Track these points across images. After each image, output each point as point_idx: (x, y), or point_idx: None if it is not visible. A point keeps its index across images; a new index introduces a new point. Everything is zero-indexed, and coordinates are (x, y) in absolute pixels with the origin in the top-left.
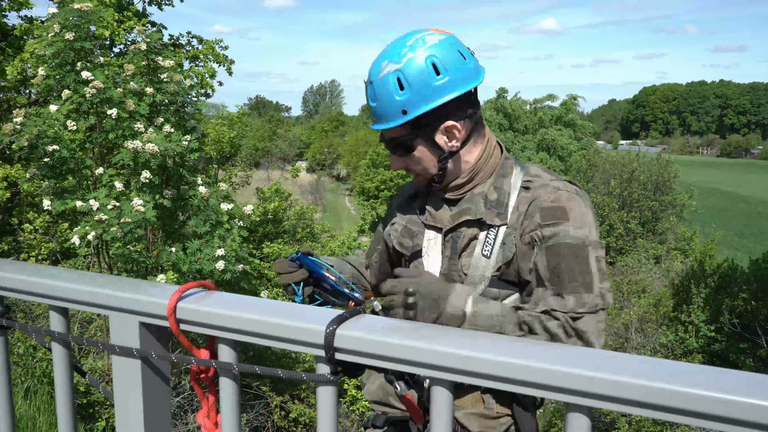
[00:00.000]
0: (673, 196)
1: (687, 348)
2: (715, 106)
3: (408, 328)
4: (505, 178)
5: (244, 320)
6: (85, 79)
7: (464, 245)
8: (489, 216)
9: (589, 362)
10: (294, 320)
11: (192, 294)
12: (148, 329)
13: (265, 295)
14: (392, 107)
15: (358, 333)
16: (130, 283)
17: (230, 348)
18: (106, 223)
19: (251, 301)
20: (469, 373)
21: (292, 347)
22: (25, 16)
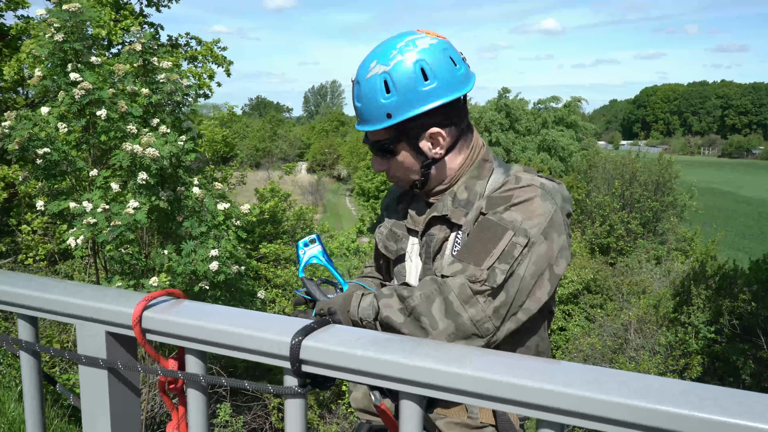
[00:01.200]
0: (674, 197)
1: (687, 349)
2: (717, 107)
3: (379, 340)
4: (479, 179)
5: (210, 330)
6: (74, 80)
7: (437, 248)
8: (456, 215)
9: (561, 377)
10: (259, 331)
11: (159, 303)
12: (115, 339)
13: (262, 296)
14: (377, 110)
15: (324, 344)
16: (97, 292)
17: (197, 358)
18: (96, 226)
19: (219, 311)
20: (439, 387)
21: (259, 359)
22: (21, 15)
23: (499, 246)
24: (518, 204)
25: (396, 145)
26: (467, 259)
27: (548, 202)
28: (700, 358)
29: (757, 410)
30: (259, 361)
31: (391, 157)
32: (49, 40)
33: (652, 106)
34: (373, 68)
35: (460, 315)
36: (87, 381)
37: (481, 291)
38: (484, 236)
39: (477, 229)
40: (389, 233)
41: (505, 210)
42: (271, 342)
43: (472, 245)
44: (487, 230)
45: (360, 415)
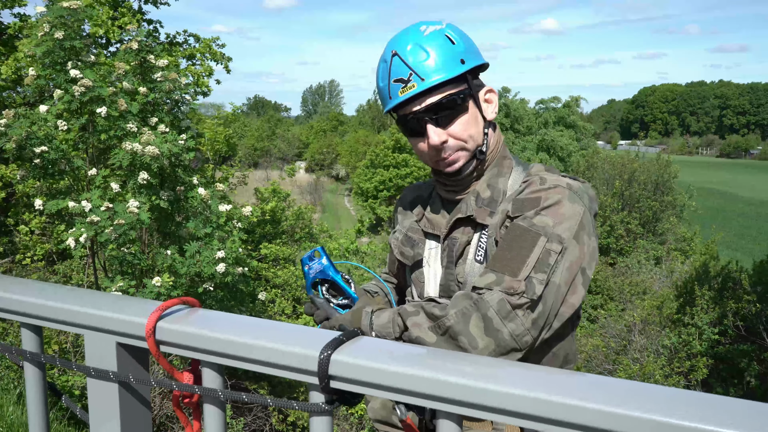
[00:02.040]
0: (673, 197)
1: (690, 350)
2: (715, 107)
3: (413, 354)
4: (500, 177)
5: (230, 343)
6: (74, 78)
7: (460, 252)
8: (480, 214)
9: (611, 396)
10: (284, 344)
11: (174, 312)
12: (127, 350)
13: (263, 297)
14: (449, 56)
15: (355, 359)
16: (108, 300)
17: (215, 372)
18: (99, 225)
19: (239, 321)
20: (481, 407)
21: (284, 373)
22: (18, 13)
23: (533, 254)
24: (548, 207)
25: (466, 98)
26: (501, 269)
27: (577, 203)
28: (706, 360)
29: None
30: (283, 376)
31: (458, 115)
32: (46, 38)
33: (651, 106)
34: (427, 29)
35: (500, 331)
36: (96, 394)
37: (521, 304)
38: (516, 244)
39: (507, 236)
40: (405, 238)
41: (536, 214)
42: (297, 356)
43: (504, 254)
44: (518, 237)
45: (378, 426)
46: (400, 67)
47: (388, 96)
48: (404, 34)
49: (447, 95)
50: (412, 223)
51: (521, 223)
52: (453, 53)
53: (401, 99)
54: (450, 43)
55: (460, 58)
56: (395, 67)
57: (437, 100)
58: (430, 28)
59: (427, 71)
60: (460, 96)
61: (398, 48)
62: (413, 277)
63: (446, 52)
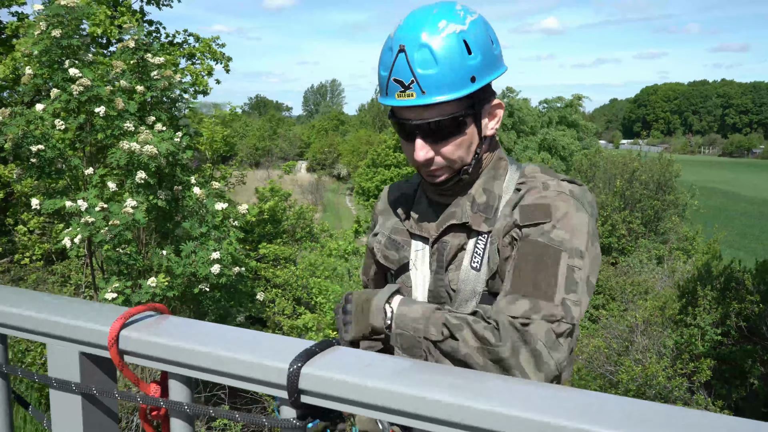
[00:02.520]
0: (675, 196)
1: (693, 351)
2: (717, 106)
3: (393, 368)
4: (496, 180)
5: (196, 353)
6: (72, 77)
7: (451, 257)
8: (475, 221)
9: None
10: (252, 355)
11: (141, 319)
12: (91, 360)
13: (261, 297)
14: (461, 72)
15: (327, 372)
16: (71, 306)
17: (182, 384)
18: (94, 226)
19: (208, 330)
20: (464, 426)
21: (253, 387)
22: (16, 12)
23: (560, 273)
24: (557, 216)
25: (467, 119)
26: (534, 294)
27: (582, 212)
28: (710, 362)
29: None
30: (252, 389)
31: (454, 136)
32: (43, 37)
33: (653, 106)
34: (445, 28)
35: (548, 364)
36: (58, 406)
37: (562, 332)
38: (540, 263)
39: (527, 254)
40: (388, 241)
41: (552, 228)
42: (265, 369)
43: (530, 275)
44: (541, 255)
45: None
46: (403, 68)
47: (385, 90)
48: (419, 24)
49: (446, 116)
50: (396, 223)
51: (540, 239)
52: (465, 69)
53: (396, 103)
54: (465, 54)
55: (472, 75)
56: (398, 65)
57: (435, 120)
58: (449, 27)
59: (431, 85)
60: (460, 118)
61: (407, 43)
62: (398, 282)
63: (458, 66)
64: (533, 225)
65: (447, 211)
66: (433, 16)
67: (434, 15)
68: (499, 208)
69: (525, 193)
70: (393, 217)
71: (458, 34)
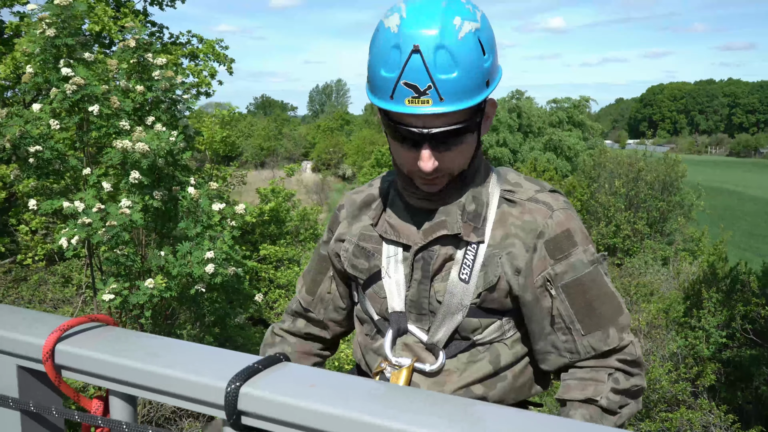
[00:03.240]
0: (681, 196)
1: (697, 354)
2: (724, 105)
3: (341, 386)
4: (483, 186)
5: (133, 370)
6: (65, 76)
7: (438, 267)
8: (465, 230)
9: None
10: (191, 372)
11: (81, 331)
12: (31, 374)
13: (259, 299)
14: (478, 76)
15: (267, 393)
16: (10, 316)
17: (125, 402)
18: (91, 227)
19: (153, 344)
20: None
21: (193, 406)
22: (18, 12)
23: (609, 283)
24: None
25: (473, 125)
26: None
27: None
28: (714, 366)
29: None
30: (192, 409)
31: (458, 145)
32: (40, 36)
33: (659, 105)
34: (462, 26)
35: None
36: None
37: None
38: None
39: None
40: (357, 249)
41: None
42: (203, 388)
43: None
44: (593, 282)
45: None
46: (418, 72)
47: (389, 93)
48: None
49: (459, 124)
50: (364, 228)
51: (584, 270)
52: (482, 71)
53: (408, 111)
54: (481, 55)
55: (487, 78)
56: (412, 69)
57: (448, 129)
58: (466, 26)
59: (451, 91)
60: (470, 127)
61: (423, 44)
62: (369, 292)
63: (476, 69)
64: (564, 257)
65: (436, 219)
66: (444, 10)
67: (445, 10)
68: (487, 217)
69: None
70: (359, 222)
71: (474, 33)
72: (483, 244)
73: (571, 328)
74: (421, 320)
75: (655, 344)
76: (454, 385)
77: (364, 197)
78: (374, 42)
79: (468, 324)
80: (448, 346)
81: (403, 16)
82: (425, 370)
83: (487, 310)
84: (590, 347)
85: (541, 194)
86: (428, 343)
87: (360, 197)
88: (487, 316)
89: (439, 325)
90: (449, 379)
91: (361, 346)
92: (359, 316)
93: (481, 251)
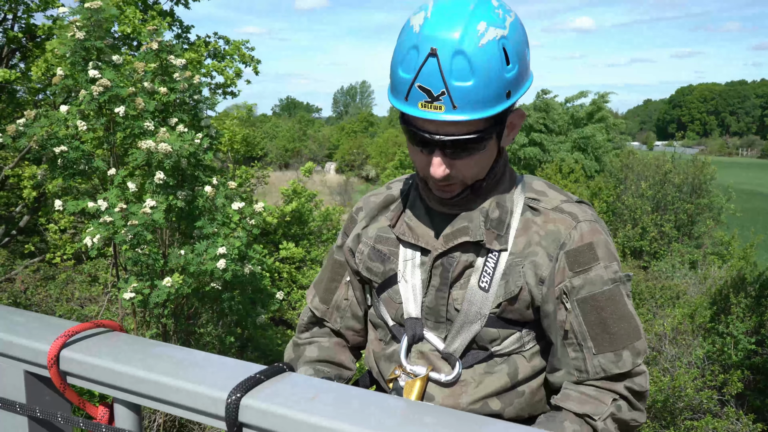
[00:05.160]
0: (710, 199)
1: (725, 361)
2: (756, 106)
3: (345, 398)
4: (507, 193)
5: (136, 379)
6: (93, 78)
7: (458, 274)
8: (488, 238)
9: None
10: (192, 382)
11: (87, 337)
12: (39, 380)
13: (280, 297)
14: (497, 86)
15: (269, 404)
16: (17, 320)
17: (128, 410)
18: (112, 226)
19: (158, 352)
20: None
21: (195, 417)
22: (51, 15)
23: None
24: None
25: (491, 135)
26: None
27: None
28: (740, 373)
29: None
30: (195, 420)
31: (475, 153)
32: (71, 39)
33: (688, 106)
34: (486, 32)
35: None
36: (4, 428)
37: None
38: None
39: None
40: (372, 252)
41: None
42: (204, 398)
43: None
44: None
45: None
46: (433, 76)
47: (404, 94)
48: (453, 23)
49: (474, 134)
50: (381, 230)
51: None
52: (502, 82)
53: (419, 115)
54: (504, 65)
55: (508, 89)
56: (427, 72)
57: (460, 138)
58: (490, 32)
59: (464, 99)
60: (485, 137)
61: (440, 46)
62: (385, 296)
63: (496, 79)
64: (583, 271)
65: (458, 225)
66: (470, 14)
67: (471, 13)
68: (511, 225)
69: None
70: (376, 223)
71: (499, 41)
72: (505, 252)
73: (582, 345)
74: (438, 328)
75: (681, 350)
76: (470, 397)
77: (383, 199)
78: (398, 39)
79: (486, 334)
80: (464, 356)
81: (428, 16)
82: (440, 380)
83: (506, 320)
84: (600, 368)
85: (567, 204)
86: (444, 351)
87: (378, 199)
88: (506, 327)
89: (457, 333)
90: (465, 390)
91: (373, 353)
92: (373, 321)
93: (502, 259)
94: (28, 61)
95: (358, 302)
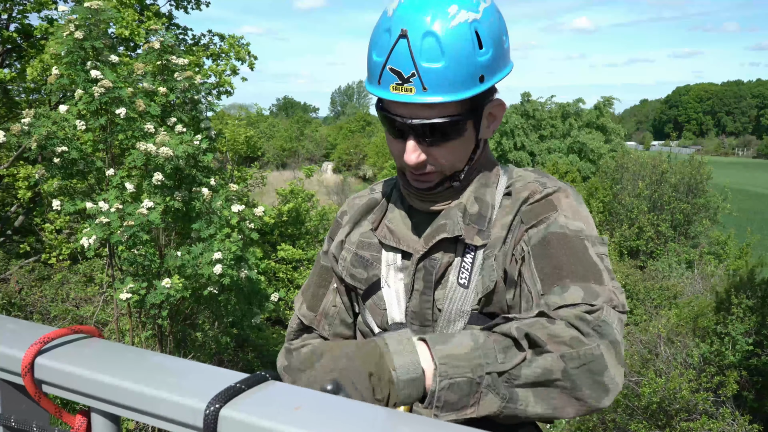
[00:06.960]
0: (706, 199)
1: (722, 362)
2: (752, 106)
3: (330, 407)
4: (488, 187)
5: (111, 387)
6: (94, 78)
7: (440, 275)
8: (468, 233)
9: None
10: (170, 391)
11: (64, 344)
12: (14, 387)
13: (275, 298)
14: (469, 69)
15: (249, 416)
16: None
17: (106, 419)
18: (108, 227)
19: (137, 359)
20: None
21: (173, 428)
22: (46, 16)
23: (595, 260)
24: (563, 207)
25: (466, 123)
26: (581, 279)
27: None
28: (737, 374)
29: None
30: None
31: (448, 140)
32: (68, 38)
33: (685, 106)
34: (458, 14)
35: (623, 356)
36: None
37: (624, 322)
38: (571, 250)
39: (553, 247)
40: (355, 258)
41: (566, 219)
42: (181, 409)
43: (567, 262)
44: (567, 244)
45: None
46: (403, 57)
47: (377, 78)
48: (425, 5)
49: (446, 118)
50: (363, 235)
51: (557, 230)
52: (474, 66)
53: (390, 97)
54: (476, 48)
55: (481, 74)
56: (398, 53)
57: (432, 121)
58: (461, 15)
59: (434, 82)
60: (460, 121)
61: (410, 27)
62: (370, 303)
63: (467, 62)
64: (542, 221)
65: (436, 224)
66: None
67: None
68: (492, 219)
69: (518, 195)
70: (359, 228)
71: (470, 23)
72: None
73: (531, 292)
74: (424, 332)
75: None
76: None
77: (366, 202)
78: (375, 25)
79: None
80: None
81: (401, 1)
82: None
83: (489, 315)
84: (545, 305)
85: (540, 178)
86: None
87: (362, 201)
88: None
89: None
90: None
91: None
92: (361, 330)
93: (479, 254)
94: (24, 61)
95: (346, 308)
